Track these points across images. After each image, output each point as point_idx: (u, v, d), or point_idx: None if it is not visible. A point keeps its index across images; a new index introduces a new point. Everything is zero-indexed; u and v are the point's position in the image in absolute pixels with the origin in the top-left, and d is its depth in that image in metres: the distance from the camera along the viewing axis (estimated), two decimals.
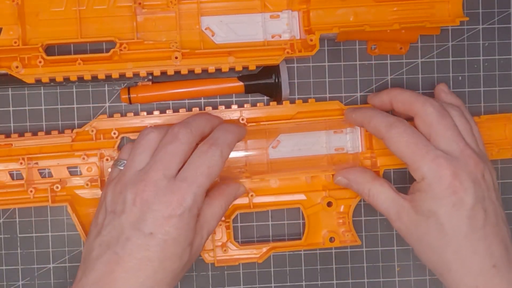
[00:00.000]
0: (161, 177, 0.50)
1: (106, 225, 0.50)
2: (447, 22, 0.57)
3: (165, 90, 0.58)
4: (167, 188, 0.49)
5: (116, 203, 0.51)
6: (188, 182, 0.50)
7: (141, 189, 0.50)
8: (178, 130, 0.51)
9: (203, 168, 0.50)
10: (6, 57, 0.55)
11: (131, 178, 0.51)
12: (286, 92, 0.57)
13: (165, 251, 0.49)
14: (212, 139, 0.52)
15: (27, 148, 0.57)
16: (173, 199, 0.49)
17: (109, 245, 0.50)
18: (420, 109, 0.52)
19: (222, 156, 0.51)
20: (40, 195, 0.57)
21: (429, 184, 0.51)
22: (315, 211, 0.59)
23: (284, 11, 0.58)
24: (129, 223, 0.49)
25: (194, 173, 0.50)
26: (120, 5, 0.56)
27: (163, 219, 0.49)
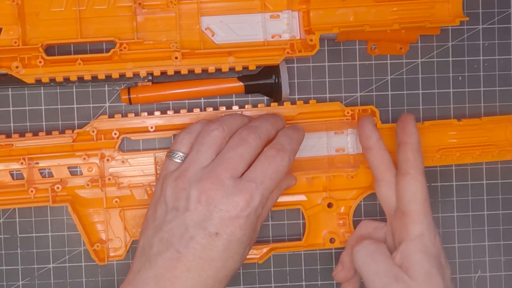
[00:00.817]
0: (228, 177, 0.49)
1: (168, 222, 0.50)
2: (447, 22, 0.57)
3: (165, 90, 0.58)
4: (235, 188, 0.49)
5: (179, 199, 0.50)
6: (257, 183, 0.49)
7: (207, 187, 0.49)
8: (248, 135, 0.51)
9: (271, 171, 0.50)
10: (6, 57, 0.55)
11: (196, 174, 0.50)
12: (286, 92, 0.57)
13: (229, 251, 0.49)
14: (279, 145, 0.52)
15: (28, 149, 0.57)
16: (241, 199, 0.49)
17: (171, 242, 0.49)
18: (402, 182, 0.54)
19: (289, 163, 0.51)
20: (41, 195, 0.57)
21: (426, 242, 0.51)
22: (315, 212, 0.59)
23: (284, 11, 0.58)
24: (194, 222, 0.49)
25: (262, 175, 0.50)
26: (120, 5, 0.56)
27: (229, 219, 0.49)
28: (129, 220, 0.58)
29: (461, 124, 0.59)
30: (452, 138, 0.60)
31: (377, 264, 0.51)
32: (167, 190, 0.51)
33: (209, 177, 0.49)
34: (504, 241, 0.62)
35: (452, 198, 0.62)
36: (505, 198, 0.62)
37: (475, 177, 0.62)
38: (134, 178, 0.58)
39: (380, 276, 0.51)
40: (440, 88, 0.61)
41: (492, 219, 0.62)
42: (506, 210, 0.62)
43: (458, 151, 0.59)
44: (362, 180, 0.60)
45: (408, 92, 0.61)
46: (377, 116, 0.58)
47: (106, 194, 0.58)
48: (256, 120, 0.53)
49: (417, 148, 0.54)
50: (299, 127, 0.55)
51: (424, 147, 0.58)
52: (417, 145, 0.54)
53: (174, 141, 0.53)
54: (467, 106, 0.61)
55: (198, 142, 0.51)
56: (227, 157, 0.50)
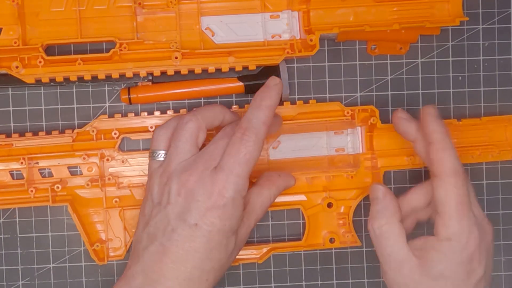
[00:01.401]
0: (206, 167, 0.50)
1: (153, 217, 0.51)
2: (447, 22, 0.57)
3: (165, 90, 0.58)
4: (209, 178, 0.49)
5: (162, 194, 0.51)
6: (226, 172, 0.49)
7: (185, 179, 0.50)
8: (231, 128, 0.52)
9: (239, 156, 0.50)
10: (6, 57, 0.55)
11: (176, 169, 0.51)
12: (286, 92, 0.57)
13: (211, 241, 0.49)
14: (244, 122, 0.51)
15: (28, 148, 0.57)
16: (214, 189, 0.49)
17: (156, 235, 0.50)
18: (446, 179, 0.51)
19: (257, 140, 0.50)
20: (41, 194, 0.57)
21: (453, 247, 0.50)
22: (315, 212, 0.59)
23: (284, 11, 0.58)
24: (175, 214, 0.50)
25: (231, 162, 0.50)
26: (120, 5, 0.56)
27: (206, 210, 0.49)
28: (129, 220, 0.58)
29: (461, 124, 0.59)
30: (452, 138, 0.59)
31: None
32: (153, 187, 0.52)
33: (187, 169, 0.50)
34: (504, 241, 0.62)
35: None
36: (505, 198, 0.62)
37: (475, 177, 0.62)
38: (134, 178, 0.58)
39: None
40: (440, 88, 0.61)
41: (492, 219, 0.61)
42: (506, 210, 0.62)
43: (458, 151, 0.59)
44: (362, 180, 0.60)
45: (408, 92, 0.61)
46: (377, 115, 0.58)
47: (106, 194, 0.58)
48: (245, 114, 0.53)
49: (443, 147, 0.51)
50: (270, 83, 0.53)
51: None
52: (442, 144, 0.51)
53: (152, 139, 0.54)
54: (467, 106, 0.61)
55: (174, 138, 0.52)
56: (208, 150, 0.51)
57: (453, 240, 0.50)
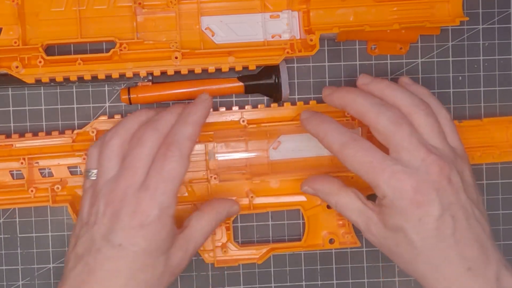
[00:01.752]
0: (128, 185, 0.49)
1: (81, 237, 0.50)
2: (447, 22, 0.57)
3: (165, 90, 0.58)
4: (134, 197, 0.49)
5: (90, 214, 0.50)
6: (151, 190, 0.48)
7: (110, 199, 0.49)
8: (143, 133, 0.50)
9: (163, 173, 0.49)
10: (6, 57, 0.55)
11: (102, 188, 0.50)
12: (286, 92, 0.57)
13: (136, 262, 0.48)
14: (169, 137, 0.50)
15: (28, 149, 0.57)
16: (138, 209, 0.48)
17: (82, 256, 0.49)
18: (373, 121, 0.50)
19: (181, 155, 0.49)
20: (41, 194, 0.57)
21: (392, 201, 0.49)
22: (315, 212, 0.59)
23: (284, 11, 0.58)
24: (100, 235, 0.49)
25: (155, 180, 0.49)
26: (120, 5, 0.56)
27: (131, 229, 0.48)
28: None
29: (462, 125, 0.59)
30: None
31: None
32: (84, 207, 0.51)
33: (112, 189, 0.49)
34: (504, 241, 0.62)
35: None
36: (505, 198, 0.62)
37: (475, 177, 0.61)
38: None
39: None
40: (440, 88, 0.61)
41: (492, 219, 0.61)
42: (506, 210, 0.62)
43: None
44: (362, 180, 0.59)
45: None
46: None
47: None
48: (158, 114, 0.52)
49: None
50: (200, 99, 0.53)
51: None
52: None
53: (86, 157, 0.54)
54: (467, 106, 0.61)
55: (100, 157, 0.51)
56: (125, 165, 0.50)
57: (388, 195, 0.49)
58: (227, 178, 0.58)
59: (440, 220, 0.48)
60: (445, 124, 0.52)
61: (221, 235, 0.59)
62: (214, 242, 0.58)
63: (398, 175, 0.49)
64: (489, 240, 0.50)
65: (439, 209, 0.48)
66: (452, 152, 0.51)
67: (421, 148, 0.49)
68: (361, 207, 0.52)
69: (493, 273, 0.49)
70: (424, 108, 0.51)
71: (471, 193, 0.51)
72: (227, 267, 0.61)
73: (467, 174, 0.51)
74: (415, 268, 0.50)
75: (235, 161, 0.58)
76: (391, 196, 0.49)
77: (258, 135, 0.58)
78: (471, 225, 0.49)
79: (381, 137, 0.50)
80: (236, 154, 0.57)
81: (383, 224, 0.50)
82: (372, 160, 0.49)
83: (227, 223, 0.59)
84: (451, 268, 0.49)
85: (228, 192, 0.59)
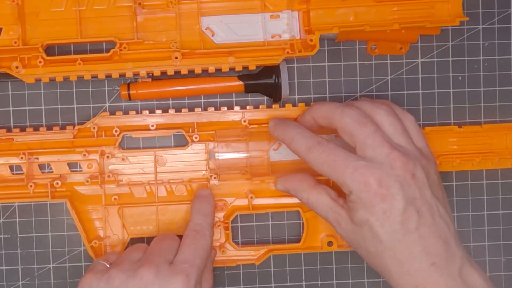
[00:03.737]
0: (162, 262, 0.51)
1: None
2: (447, 22, 0.56)
3: (164, 87, 0.58)
4: (170, 271, 0.51)
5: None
6: (189, 263, 0.52)
7: (144, 276, 0.51)
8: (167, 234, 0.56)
9: (197, 250, 0.53)
10: (6, 57, 0.55)
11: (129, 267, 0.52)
12: (286, 92, 0.57)
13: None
14: (196, 226, 0.55)
15: (28, 144, 0.57)
16: (178, 280, 0.50)
17: None
18: (338, 121, 0.51)
19: (210, 239, 0.55)
20: (40, 190, 0.57)
21: (357, 195, 0.49)
22: (314, 214, 0.59)
23: (284, 11, 0.58)
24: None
25: (192, 255, 0.52)
26: (120, 5, 0.57)
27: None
28: (128, 217, 0.58)
29: (462, 131, 0.59)
30: (453, 144, 0.59)
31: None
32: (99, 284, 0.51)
33: (143, 264, 0.51)
34: (504, 241, 0.62)
35: (452, 198, 0.61)
36: (505, 198, 0.62)
37: (475, 177, 0.62)
38: (133, 176, 0.58)
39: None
40: (440, 88, 0.61)
41: (492, 219, 0.61)
42: (506, 210, 0.62)
43: (458, 158, 0.59)
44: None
45: (408, 92, 0.61)
46: None
47: (105, 191, 0.58)
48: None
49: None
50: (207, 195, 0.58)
51: None
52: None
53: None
54: (467, 106, 0.61)
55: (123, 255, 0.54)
56: (156, 249, 0.53)
57: (353, 190, 0.50)
58: (227, 178, 0.58)
59: (405, 214, 0.49)
60: (411, 127, 0.53)
61: (219, 235, 0.59)
62: (213, 242, 0.58)
63: (362, 169, 0.49)
64: (453, 237, 0.50)
65: (403, 203, 0.49)
66: (417, 151, 0.52)
67: (385, 144, 0.50)
68: (330, 204, 0.53)
69: (457, 268, 0.49)
70: (385, 108, 0.52)
71: (437, 191, 0.51)
72: (226, 267, 0.60)
73: (433, 173, 0.52)
74: (381, 262, 0.51)
75: (235, 161, 0.58)
76: (356, 190, 0.49)
77: (258, 135, 0.58)
78: (435, 222, 0.50)
79: (347, 137, 0.51)
80: (236, 154, 0.57)
81: (351, 219, 0.51)
82: (336, 159, 0.50)
83: (226, 223, 0.59)
84: (416, 263, 0.49)
85: (228, 192, 0.59)
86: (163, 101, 0.60)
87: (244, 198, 0.59)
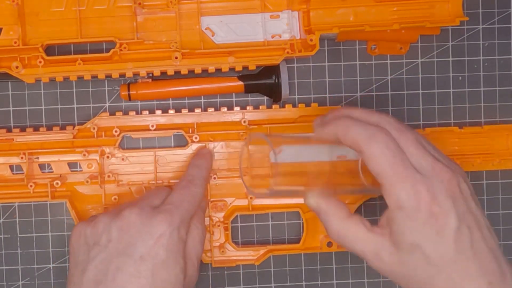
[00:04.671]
0: (147, 205, 0.51)
1: (92, 260, 0.49)
2: (447, 22, 0.56)
3: (165, 87, 0.58)
4: (154, 211, 0.50)
5: (100, 233, 0.50)
6: (175, 204, 0.51)
7: (127, 214, 0.50)
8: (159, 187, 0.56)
9: (186, 197, 0.52)
10: (6, 57, 0.55)
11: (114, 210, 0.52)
12: (286, 92, 0.57)
13: (156, 276, 0.48)
14: (189, 176, 0.55)
15: (28, 144, 0.57)
16: (161, 218, 0.50)
17: (99, 280, 0.49)
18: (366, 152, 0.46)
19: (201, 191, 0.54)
20: (40, 190, 0.57)
21: (407, 213, 0.45)
22: (313, 215, 0.59)
23: (284, 11, 0.58)
24: (117, 251, 0.49)
25: (179, 199, 0.52)
26: (120, 5, 0.56)
27: (151, 240, 0.49)
28: None
29: (463, 132, 0.59)
30: (454, 145, 0.59)
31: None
32: (86, 230, 0.51)
33: (126, 207, 0.51)
34: (504, 241, 0.62)
35: None
36: (505, 198, 0.62)
37: (475, 177, 0.62)
38: (133, 176, 0.58)
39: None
40: (440, 88, 0.61)
41: (492, 219, 0.61)
42: (506, 210, 0.62)
43: (458, 159, 0.59)
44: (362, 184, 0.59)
45: (408, 92, 0.61)
46: None
47: (105, 191, 0.58)
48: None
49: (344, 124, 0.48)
50: (206, 152, 0.58)
51: None
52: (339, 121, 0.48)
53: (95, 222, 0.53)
54: (467, 106, 0.61)
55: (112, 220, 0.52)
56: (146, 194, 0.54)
57: (404, 207, 0.45)
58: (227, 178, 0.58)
59: (458, 232, 0.45)
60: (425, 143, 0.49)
61: (219, 235, 0.59)
62: (212, 242, 0.58)
63: (419, 186, 0.45)
64: (500, 250, 0.47)
65: (457, 220, 0.45)
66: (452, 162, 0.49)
67: (428, 156, 0.46)
68: (369, 235, 0.47)
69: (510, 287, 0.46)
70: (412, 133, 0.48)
71: (478, 202, 0.48)
72: (227, 267, 0.60)
73: (468, 182, 0.48)
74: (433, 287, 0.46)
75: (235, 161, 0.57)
76: (408, 208, 0.45)
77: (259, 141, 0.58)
78: (484, 236, 0.46)
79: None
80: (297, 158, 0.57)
81: (396, 247, 0.46)
82: (400, 162, 0.45)
83: (226, 224, 0.59)
84: (472, 283, 0.45)
85: (227, 192, 0.59)
86: (163, 101, 0.60)
87: (244, 199, 0.59)
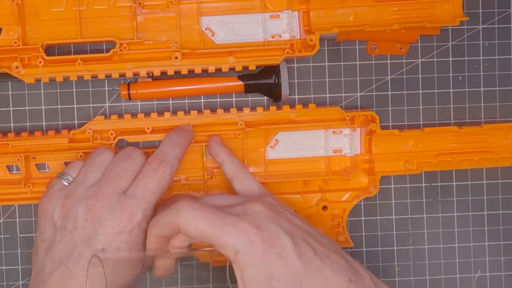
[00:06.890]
0: (112, 193, 0.51)
1: (58, 241, 0.50)
2: (447, 22, 0.56)
3: (164, 87, 0.58)
4: (118, 204, 0.50)
5: (67, 218, 0.51)
6: (138, 199, 0.51)
7: (93, 205, 0.50)
8: (132, 150, 0.53)
9: (152, 185, 0.51)
10: (6, 57, 0.55)
11: (82, 194, 0.51)
12: (286, 92, 0.57)
13: (117, 266, 0.50)
14: (161, 155, 0.52)
15: (24, 147, 0.57)
16: (123, 215, 0.50)
17: (62, 260, 0.50)
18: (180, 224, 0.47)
19: (172, 172, 0.52)
20: (38, 189, 0.57)
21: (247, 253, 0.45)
22: (310, 213, 0.59)
23: (284, 11, 0.58)
24: (81, 239, 0.50)
25: (144, 190, 0.51)
26: (120, 5, 0.57)
27: (114, 235, 0.50)
28: None
29: (462, 131, 0.59)
30: (452, 143, 0.59)
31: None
32: (54, 210, 0.52)
33: (94, 195, 0.51)
34: (504, 241, 0.62)
35: (452, 198, 0.61)
36: (505, 198, 0.62)
37: (475, 177, 0.62)
38: None
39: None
40: (440, 88, 0.61)
41: (492, 219, 0.62)
42: (506, 210, 0.62)
43: (457, 157, 0.59)
44: (359, 181, 0.59)
45: (408, 92, 0.61)
46: (377, 121, 0.57)
47: None
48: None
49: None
50: (185, 128, 0.56)
51: (423, 152, 0.58)
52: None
53: (69, 164, 0.55)
54: (467, 106, 0.61)
55: (87, 163, 0.53)
56: (112, 174, 0.52)
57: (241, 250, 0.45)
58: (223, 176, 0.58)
59: (297, 246, 0.46)
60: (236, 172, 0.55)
61: None
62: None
63: (240, 223, 0.46)
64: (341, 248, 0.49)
65: (288, 237, 0.46)
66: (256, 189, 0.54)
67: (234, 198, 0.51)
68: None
69: (369, 280, 0.48)
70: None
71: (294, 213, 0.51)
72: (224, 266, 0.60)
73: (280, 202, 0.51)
74: None
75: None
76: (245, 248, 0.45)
77: (255, 133, 0.58)
78: (320, 241, 0.48)
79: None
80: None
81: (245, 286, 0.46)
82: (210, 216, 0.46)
83: None
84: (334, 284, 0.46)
85: (224, 190, 0.59)
86: (163, 101, 0.60)
87: None
